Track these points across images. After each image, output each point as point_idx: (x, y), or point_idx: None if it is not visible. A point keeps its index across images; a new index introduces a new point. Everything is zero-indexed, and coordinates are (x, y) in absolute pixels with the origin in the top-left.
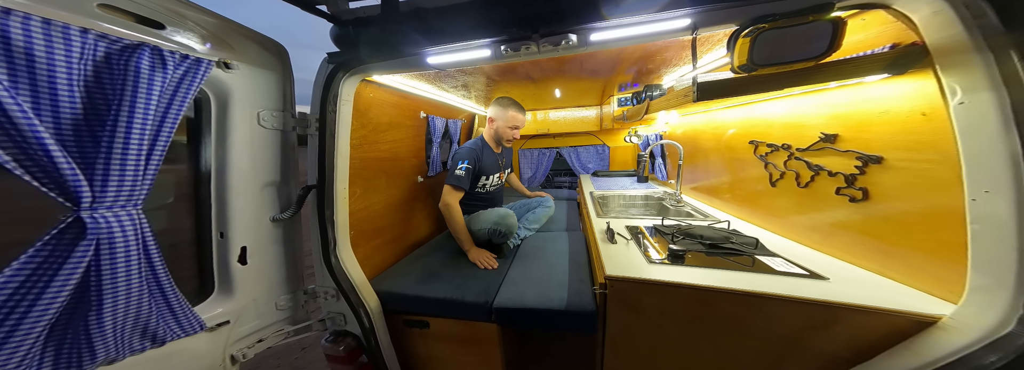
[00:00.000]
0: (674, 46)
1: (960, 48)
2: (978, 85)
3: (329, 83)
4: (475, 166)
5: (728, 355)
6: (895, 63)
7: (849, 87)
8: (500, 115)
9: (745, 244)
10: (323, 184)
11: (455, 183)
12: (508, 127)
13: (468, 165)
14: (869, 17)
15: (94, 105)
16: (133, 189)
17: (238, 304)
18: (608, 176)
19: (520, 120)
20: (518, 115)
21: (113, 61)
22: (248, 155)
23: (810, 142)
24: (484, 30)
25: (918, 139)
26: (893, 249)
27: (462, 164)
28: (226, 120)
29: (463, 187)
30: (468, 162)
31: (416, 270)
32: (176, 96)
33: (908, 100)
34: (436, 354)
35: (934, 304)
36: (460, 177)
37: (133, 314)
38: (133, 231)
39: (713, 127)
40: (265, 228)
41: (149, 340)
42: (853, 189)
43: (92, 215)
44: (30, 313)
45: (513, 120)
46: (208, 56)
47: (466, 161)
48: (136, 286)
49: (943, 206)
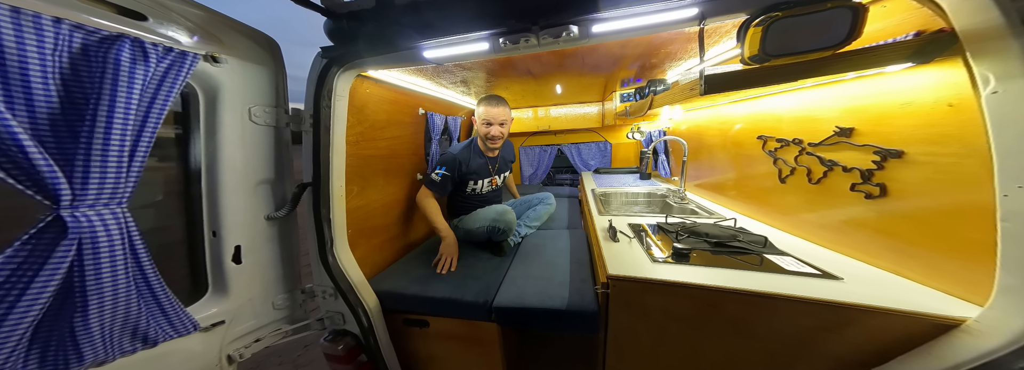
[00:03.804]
0: (679, 39)
1: (994, 33)
2: (1014, 73)
3: (323, 78)
4: (454, 173)
5: (734, 357)
6: (920, 51)
7: (867, 78)
8: (476, 113)
9: (753, 242)
10: (319, 182)
11: (430, 188)
12: (481, 124)
13: (445, 172)
14: (891, 4)
15: (72, 99)
16: (116, 187)
17: (233, 304)
18: (610, 173)
19: (492, 114)
20: (490, 109)
21: (91, 53)
22: (240, 152)
23: (823, 136)
24: (482, 22)
25: (943, 132)
26: (912, 248)
27: (439, 170)
28: (215, 116)
29: (438, 193)
30: (445, 169)
31: (416, 269)
32: (160, 90)
33: (933, 91)
34: (436, 353)
35: (956, 306)
36: (434, 182)
37: (121, 315)
38: (118, 230)
39: (719, 122)
40: (260, 226)
41: (140, 341)
42: (869, 185)
43: (73, 214)
44: (10, 315)
45: (486, 115)
46: (195, 49)
47: (443, 168)
48: (123, 286)
49: (970, 202)
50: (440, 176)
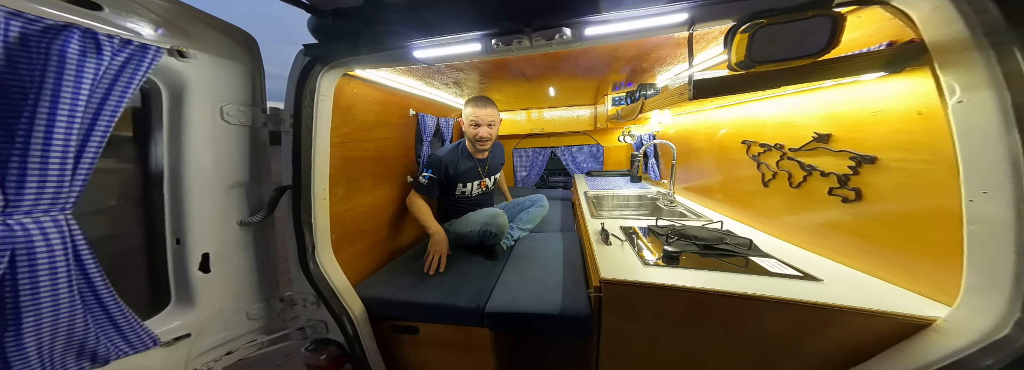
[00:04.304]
0: (668, 44)
1: (960, 45)
2: (978, 84)
3: (305, 77)
4: (441, 176)
5: (724, 358)
6: (892, 61)
7: (843, 86)
8: (463, 114)
9: (739, 245)
10: (299, 185)
11: (418, 191)
12: (468, 125)
13: (432, 175)
14: (865, 14)
15: (6, 94)
16: (58, 192)
17: (201, 315)
18: (602, 176)
19: (480, 115)
20: (476, 110)
21: (30, 44)
22: (210, 153)
23: (803, 142)
24: (474, 23)
25: (913, 139)
26: (886, 250)
27: (425, 173)
28: (181, 114)
29: (427, 195)
30: (432, 172)
31: (404, 274)
32: (115, 86)
33: (903, 99)
34: (427, 360)
35: (929, 306)
36: (422, 185)
37: (64, 332)
38: (59, 239)
39: (706, 127)
40: (232, 233)
41: (88, 359)
42: (846, 189)
43: (5, 222)
44: None
45: (472, 116)
46: (158, 43)
47: (430, 171)
48: (66, 300)
49: (938, 207)
50: (426, 178)
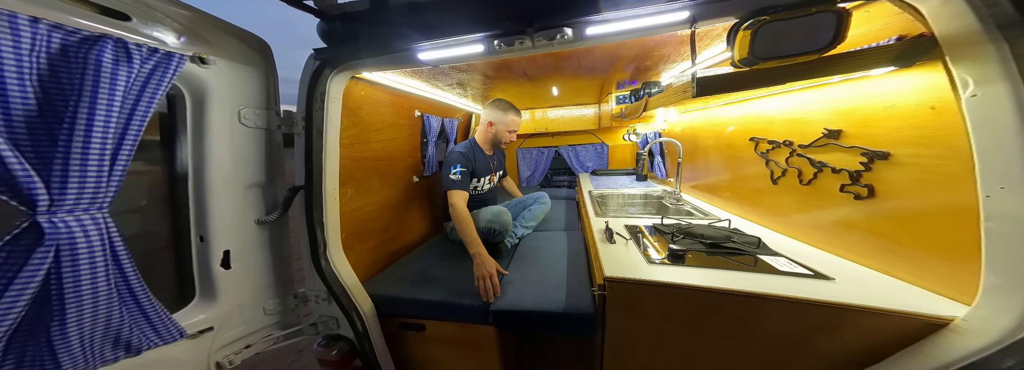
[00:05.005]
0: (672, 42)
1: (972, 39)
2: (992, 77)
3: (315, 80)
4: (469, 168)
5: (731, 358)
6: (902, 55)
7: (853, 81)
8: (500, 119)
9: (747, 243)
10: (311, 185)
11: (456, 188)
12: (508, 131)
13: (462, 168)
14: (873, 9)
15: (50, 101)
16: (97, 191)
17: (222, 310)
18: (607, 175)
19: (519, 124)
20: (517, 119)
21: (70, 54)
22: (229, 155)
23: (813, 138)
24: (476, 24)
25: (926, 134)
26: (901, 248)
27: (455, 169)
28: (203, 118)
29: (465, 190)
30: (461, 166)
31: (412, 272)
32: (144, 92)
33: (916, 94)
34: (433, 357)
35: (946, 305)
36: (457, 181)
37: (102, 323)
38: (98, 236)
39: (712, 124)
40: (250, 231)
41: (123, 349)
42: (858, 186)
43: (50, 219)
44: None
45: (513, 124)
46: (181, 50)
47: (459, 165)
48: (104, 294)
49: (954, 203)
50: (459, 173)
